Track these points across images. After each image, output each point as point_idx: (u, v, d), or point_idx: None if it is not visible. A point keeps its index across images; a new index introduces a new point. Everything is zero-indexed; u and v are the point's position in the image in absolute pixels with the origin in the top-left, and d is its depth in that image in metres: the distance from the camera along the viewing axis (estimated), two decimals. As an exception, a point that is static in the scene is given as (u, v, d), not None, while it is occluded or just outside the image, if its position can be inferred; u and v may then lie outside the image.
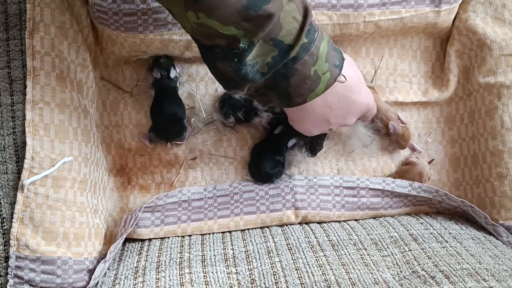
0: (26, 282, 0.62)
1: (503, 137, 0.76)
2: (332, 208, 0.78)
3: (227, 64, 0.52)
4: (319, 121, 0.65)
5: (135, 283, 0.64)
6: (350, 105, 0.64)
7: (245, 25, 0.49)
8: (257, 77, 0.54)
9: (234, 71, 0.53)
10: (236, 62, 0.52)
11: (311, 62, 0.55)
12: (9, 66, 0.66)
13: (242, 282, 0.64)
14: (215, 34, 0.50)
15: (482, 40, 0.77)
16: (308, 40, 0.54)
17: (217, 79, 0.58)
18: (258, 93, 0.59)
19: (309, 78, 0.56)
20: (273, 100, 0.60)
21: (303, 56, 0.54)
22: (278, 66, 0.54)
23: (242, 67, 0.52)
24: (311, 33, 0.54)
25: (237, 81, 0.54)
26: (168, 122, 0.76)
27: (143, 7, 0.67)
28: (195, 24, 0.50)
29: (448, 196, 0.77)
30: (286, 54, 0.53)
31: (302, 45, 0.53)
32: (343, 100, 0.63)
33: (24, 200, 0.63)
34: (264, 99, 0.61)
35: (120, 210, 0.79)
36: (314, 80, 0.57)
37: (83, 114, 0.70)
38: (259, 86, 0.57)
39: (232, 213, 0.77)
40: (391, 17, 0.75)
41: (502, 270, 0.63)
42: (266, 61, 0.53)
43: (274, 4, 0.49)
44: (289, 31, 0.52)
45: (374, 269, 0.65)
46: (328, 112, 0.63)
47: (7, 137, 0.65)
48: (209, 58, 0.55)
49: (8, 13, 0.66)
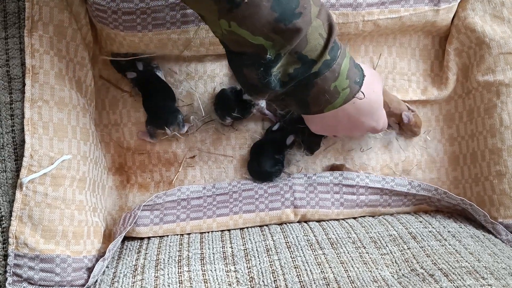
0: (25, 280, 0.62)
1: (502, 135, 0.76)
2: (331, 206, 0.78)
3: (253, 72, 0.54)
4: (328, 128, 0.68)
5: (134, 281, 0.64)
6: (358, 125, 0.66)
7: (274, 37, 0.50)
8: (278, 86, 0.56)
9: (258, 79, 0.54)
10: (262, 71, 0.53)
11: (332, 78, 0.56)
12: (8, 64, 0.66)
13: (241, 280, 0.64)
14: (244, 43, 0.51)
15: (481, 38, 0.77)
16: (331, 57, 0.55)
17: (241, 84, 0.59)
18: (277, 98, 0.60)
19: (329, 93, 0.58)
20: (291, 106, 0.62)
21: (324, 72, 0.55)
22: (299, 78, 0.55)
23: (267, 77, 0.54)
24: (334, 50, 0.56)
25: (259, 88, 0.56)
26: (161, 108, 0.76)
27: (142, 6, 0.67)
28: (226, 32, 0.51)
29: (447, 194, 0.77)
30: (308, 68, 0.55)
31: (324, 62, 0.55)
32: (352, 119, 0.64)
33: (22, 198, 0.63)
34: (283, 103, 0.62)
35: (119, 209, 0.79)
36: (333, 94, 0.58)
37: (82, 112, 0.70)
38: (279, 93, 0.58)
39: (231, 212, 0.77)
40: (390, 16, 0.75)
41: (501, 268, 0.63)
42: (288, 72, 0.55)
43: (303, 19, 0.51)
44: (314, 47, 0.53)
45: (373, 267, 0.65)
46: (336, 125, 0.65)
47: (5, 135, 0.65)
48: (236, 64, 0.56)
49: (6, 11, 0.66)
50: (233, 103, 0.76)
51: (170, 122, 0.76)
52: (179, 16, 0.69)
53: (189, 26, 0.70)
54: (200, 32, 0.71)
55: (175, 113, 0.77)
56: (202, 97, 0.79)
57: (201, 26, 0.70)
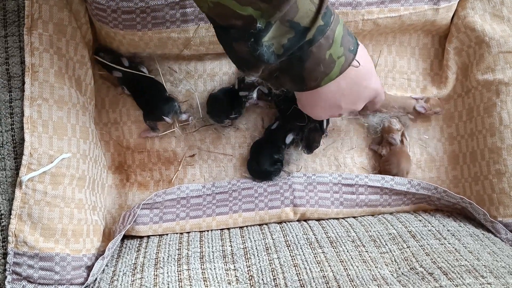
0: (24, 279, 0.62)
1: (502, 134, 0.76)
2: (330, 205, 0.78)
3: (243, 44, 0.52)
4: (331, 106, 0.65)
5: (133, 279, 0.64)
6: (361, 91, 0.64)
7: (262, 5, 0.49)
8: (272, 58, 0.54)
9: (250, 52, 0.53)
10: (252, 42, 0.52)
11: (327, 46, 0.55)
12: (8, 62, 0.66)
13: (240, 278, 0.64)
14: (232, 15, 0.50)
15: (481, 37, 0.77)
16: (324, 22, 0.54)
17: (232, 59, 0.58)
18: (271, 76, 0.59)
19: (324, 62, 0.56)
20: (286, 84, 0.60)
21: (319, 39, 0.54)
22: (294, 48, 0.54)
23: (258, 48, 0.52)
24: (327, 16, 0.54)
25: (252, 62, 0.54)
26: (153, 100, 0.76)
27: (141, 5, 0.67)
28: (212, 4, 0.50)
29: (447, 193, 0.77)
30: (302, 36, 0.53)
31: (318, 28, 0.53)
32: (355, 87, 0.62)
33: (22, 196, 0.63)
34: (277, 82, 0.60)
35: (119, 207, 0.79)
36: (329, 64, 0.57)
37: (82, 111, 0.70)
38: (273, 68, 0.57)
39: (231, 210, 0.77)
40: (390, 15, 0.75)
41: (500, 267, 0.63)
42: (282, 43, 0.53)
43: None
44: (305, 13, 0.52)
45: (372, 265, 0.65)
46: (340, 97, 0.63)
47: (5, 134, 0.65)
48: (225, 39, 0.55)
49: (6, 10, 0.66)
50: (226, 105, 0.76)
51: (167, 110, 0.76)
52: (179, 15, 0.69)
53: (188, 25, 0.70)
54: (199, 31, 0.71)
55: (170, 102, 0.76)
56: (202, 96, 0.79)
57: (200, 25, 0.70)
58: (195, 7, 0.68)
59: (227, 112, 0.77)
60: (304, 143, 0.79)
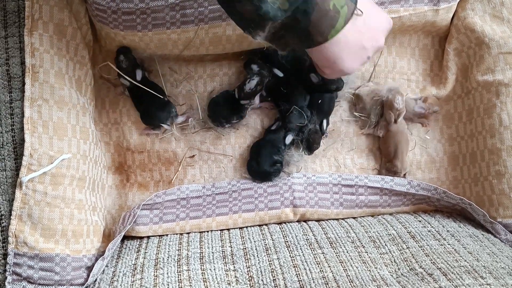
0: (25, 279, 0.62)
1: (501, 135, 0.76)
2: (330, 206, 0.79)
3: (247, 4, 0.52)
4: (356, 51, 0.62)
5: (133, 280, 0.64)
6: (376, 21, 0.63)
7: None
8: (278, 14, 0.53)
9: (254, 10, 0.52)
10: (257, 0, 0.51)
11: None
12: (8, 63, 0.66)
13: (240, 279, 0.64)
14: None
15: (481, 38, 0.77)
16: None
17: (237, 22, 0.57)
18: (276, 36, 0.58)
19: (329, 14, 0.55)
20: (293, 42, 0.59)
21: None
22: (298, 1, 0.53)
23: (263, 5, 0.52)
24: None
25: (257, 20, 0.54)
26: (151, 109, 0.77)
27: (141, 6, 0.67)
28: None
29: (447, 193, 0.77)
30: None
31: None
32: (368, 19, 0.61)
33: (22, 197, 0.63)
34: (282, 42, 0.59)
35: (119, 208, 0.79)
36: (334, 15, 0.56)
37: (82, 111, 0.70)
38: (278, 27, 0.56)
39: (231, 211, 0.77)
40: (390, 15, 0.75)
41: (500, 267, 0.63)
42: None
43: None
44: None
45: (372, 266, 0.65)
46: (360, 36, 0.61)
47: (5, 134, 0.65)
48: (228, 2, 0.54)
49: (6, 10, 0.66)
50: (228, 111, 0.77)
51: (164, 118, 0.77)
52: (179, 16, 0.69)
53: (188, 26, 0.70)
54: (200, 32, 0.71)
55: (166, 108, 0.77)
56: (201, 96, 0.79)
57: (201, 26, 0.70)
58: (195, 9, 0.68)
59: (228, 118, 0.77)
60: (304, 144, 0.79)
